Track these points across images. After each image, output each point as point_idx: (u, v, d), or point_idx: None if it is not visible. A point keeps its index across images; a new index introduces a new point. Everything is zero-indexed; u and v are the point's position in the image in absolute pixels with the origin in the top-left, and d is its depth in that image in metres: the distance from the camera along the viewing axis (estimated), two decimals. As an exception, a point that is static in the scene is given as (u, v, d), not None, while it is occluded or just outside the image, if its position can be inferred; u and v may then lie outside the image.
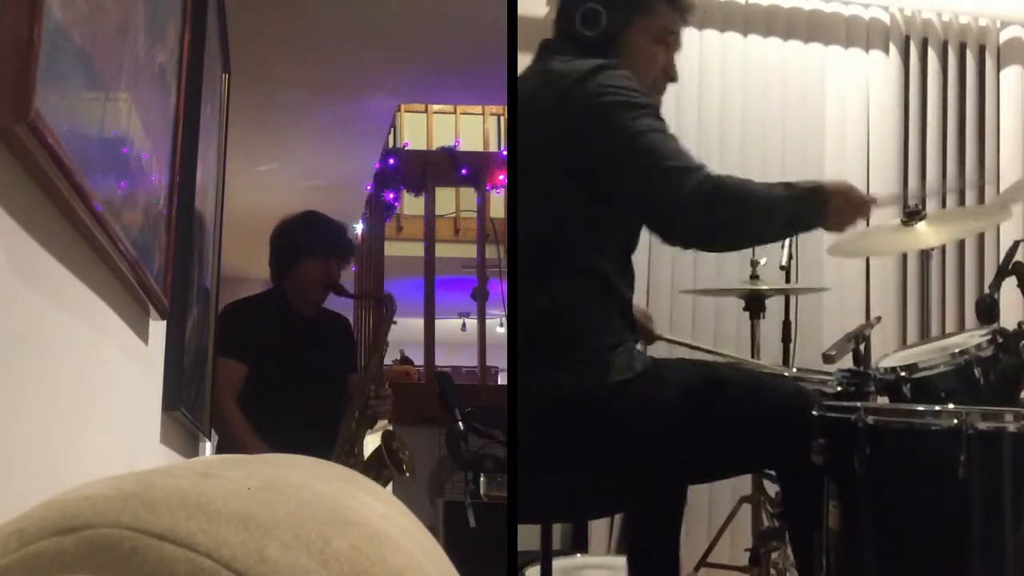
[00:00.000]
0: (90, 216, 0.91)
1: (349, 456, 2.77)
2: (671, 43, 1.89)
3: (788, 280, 2.69)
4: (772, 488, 2.40)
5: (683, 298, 3.32)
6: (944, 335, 2.69)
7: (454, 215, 6.94)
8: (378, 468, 2.75)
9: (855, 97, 3.57)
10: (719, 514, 3.08)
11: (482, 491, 2.36)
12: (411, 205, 6.28)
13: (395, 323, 3.00)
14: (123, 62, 1.07)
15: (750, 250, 2.79)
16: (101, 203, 0.94)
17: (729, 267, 3.30)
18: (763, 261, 2.69)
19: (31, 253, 0.83)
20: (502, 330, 7.03)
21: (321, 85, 3.85)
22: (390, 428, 3.06)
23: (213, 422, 2.65)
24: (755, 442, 1.77)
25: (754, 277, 2.67)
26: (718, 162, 3.17)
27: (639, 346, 2.06)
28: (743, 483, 2.73)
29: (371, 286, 5.31)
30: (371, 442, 2.97)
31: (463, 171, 5.33)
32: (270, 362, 2.81)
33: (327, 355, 2.97)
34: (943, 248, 3.53)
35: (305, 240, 2.92)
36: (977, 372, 1.82)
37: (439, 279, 5.24)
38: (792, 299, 2.89)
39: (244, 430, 2.70)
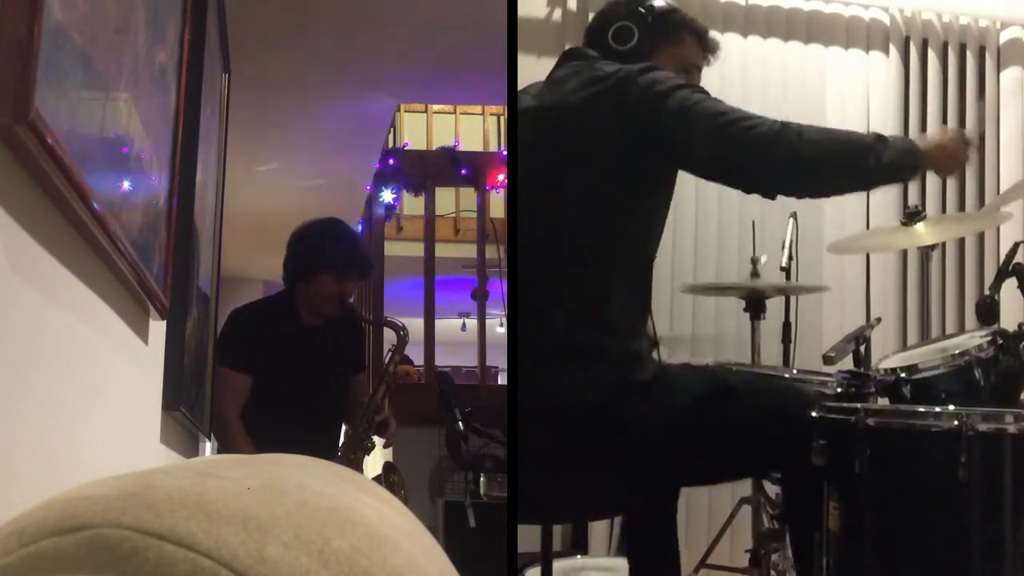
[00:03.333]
0: (90, 216, 0.91)
1: None
2: (692, 75, 1.95)
3: (788, 281, 2.69)
4: (772, 489, 2.41)
5: (683, 299, 3.31)
6: (944, 336, 2.69)
7: (454, 215, 6.94)
8: None
9: (855, 98, 3.57)
10: (719, 515, 3.08)
11: (482, 491, 2.36)
12: (411, 205, 6.27)
13: (409, 360, 2.95)
14: (123, 62, 1.07)
15: (750, 249, 2.80)
16: (101, 203, 0.94)
17: (729, 267, 3.30)
18: (764, 259, 2.69)
19: (31, 253, 0.83)
20: (502, 330, 7.03)
21: (321, 85, 3.85)
22: (391, 460, 3.06)
23: (216, 435, 2.63)
24: (757, 446, 1.77)
25: (754, 276, 2.67)
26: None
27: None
28: (743, 484, 2.73)
29: (371, 288, 5.30)
30: (371, 462, 2.97)
31: (463, 171, 5.33)
32: (275, 372, 2.77)
33: (332, 360, 2.92)
34: (943, 249, 3.54)
35: (327, 254, 2.81)
36: (977, 373, 1.82)
37: (439, 279, 5.24)
38: (792, 300, 2.89)
39: (246, 446, 2.63)
